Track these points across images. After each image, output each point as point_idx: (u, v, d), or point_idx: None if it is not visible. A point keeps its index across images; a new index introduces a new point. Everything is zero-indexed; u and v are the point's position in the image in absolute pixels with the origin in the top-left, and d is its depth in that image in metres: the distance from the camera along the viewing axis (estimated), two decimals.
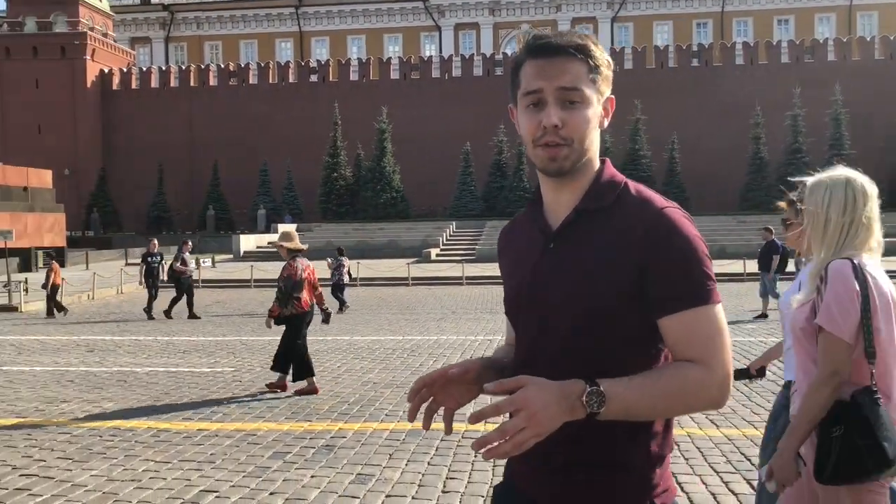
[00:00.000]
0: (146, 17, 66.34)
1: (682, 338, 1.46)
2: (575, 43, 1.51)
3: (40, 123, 54.70)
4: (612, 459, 1.50)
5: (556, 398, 1.35)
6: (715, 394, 1.45)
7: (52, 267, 18.05)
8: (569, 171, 1.54)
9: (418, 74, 55.86)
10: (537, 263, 1.58)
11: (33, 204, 39.46)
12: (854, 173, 2.55)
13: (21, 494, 4.92)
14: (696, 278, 1.46)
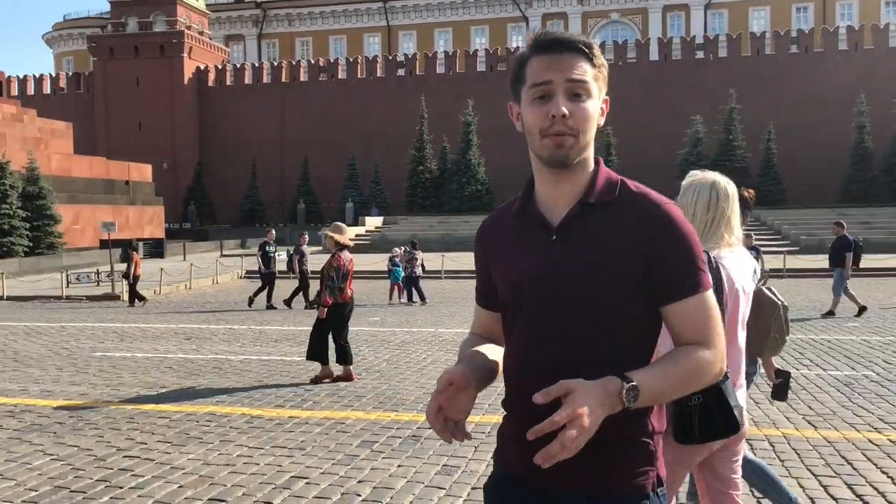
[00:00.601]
0: (240, 14, 68.31)
1: (687, 323, 1.57)
2: (581, 40, 1.59)
3: (141, 120, 57.12)
4: (624, 436, 1.56)
5: (601, 400, 1.43)
6: (717, 371, 1.58)
7: (133, 258, 18.77)
8: (572, 163, 1.60)
9: (505, 66, 55.57)
10: (540, 256, 1.61)
11: (134, 197, 41.29)
12: (719, 177, 2.98)
13: (124, 475, 5.15)
14: (695, 268, 1.57)
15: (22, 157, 32.22)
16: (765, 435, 5.93)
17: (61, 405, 7.25)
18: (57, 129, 40.61)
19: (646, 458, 1.60)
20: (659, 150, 50.06)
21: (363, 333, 11.90)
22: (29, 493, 4.81)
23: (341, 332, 8.50)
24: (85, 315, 16.02)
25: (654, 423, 1.61)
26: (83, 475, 5.14)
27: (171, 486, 4.92)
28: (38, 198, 30.28)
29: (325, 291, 8.45)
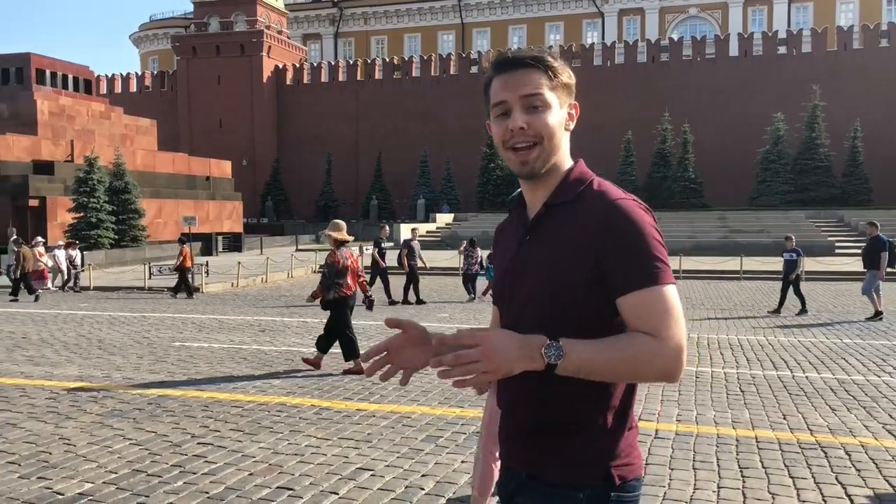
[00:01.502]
0: (317, 13, 69.50)
1: (636, 315, 1.57)
2: (531, 55, 1.68)
3: (221, 117, 58.76)
4: (573, 421, 1.62)
5: (516, 344, 1.50)
6: (669, 365, 1.54)
7: (183, 251, 19.31)
8: (539, 172, 1.69)
9: (579, 62, 55.00)
10: (515, 255, 1.74)
11: (214, 192, 42.51)
12: None
13: (198, 461, 5.33)
14: (645, 262, 1.58)
15: (109, 153, 33.57)
16: (841, 443, 5.74)
17: (141, 392, 7.54)
18: (142, 126, 42.15)
19: (590, 450, 1.62)
20: (738, 148, 48.79)
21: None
22: (109, 475, 5.02)
23: (337, 326, 8.80)
24: (165, 306, 16.59)
25: (609, 418, 1.63)
26: (159, 460, 5.35)
27: (242, 473, 5.07)
28: (123, 192, 31.48)
29: (319, 285, 8.95)
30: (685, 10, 62.24)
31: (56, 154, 34.17)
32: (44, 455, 5.44)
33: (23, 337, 11.55)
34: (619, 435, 1.64)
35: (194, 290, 19.43)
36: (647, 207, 1.65)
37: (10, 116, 35.01)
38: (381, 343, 1.68)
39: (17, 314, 14.80)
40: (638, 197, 1.68)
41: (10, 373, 8.60)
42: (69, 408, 6.89)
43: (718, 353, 10.03)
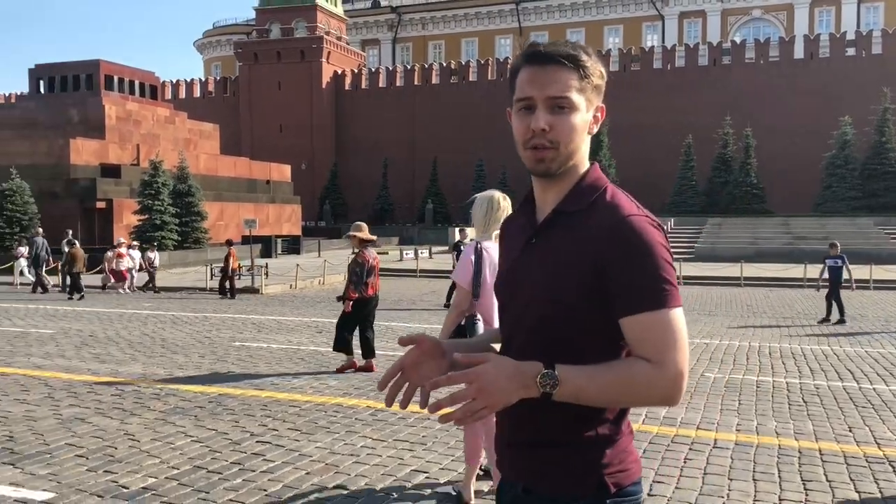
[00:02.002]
0: (376, 19, 70.21)
1: (638, 338, 1.53)
2: (566, 53, 1.60)
3: (281, 122, 59.78)
4: (565, 436, 1.60)
5: (509, 375, 1.47)
6: (667, 391, 1.52)
7: (230, 252, 19.72)
8: (554, 173, 1.63)
9: (638, 66, 54.40)
10: (520, 256, 1.69)
11: (274, 196, 43.26)
12: (496, 192, 4.51)
13: (256, 459, 5.43)
14: (652, 283, 1.52)
15: (173, 157, 34.43)
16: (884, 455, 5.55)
17: (202, 391, 7.71)
18: (205, 131, 43.14)
19: (584, 462, 1.60)
20: (803, 153, 47.59)
21: None
22: (171, 470, 5.15)
23: (366, 325, 9.03)
24: (226, 306, 16.94)
25: (599, 430, 1.60)
26: (219, 457, 5.46)
27: (299, 472, 5.14)
28: (187, 195, 32.24)
29: (350, 286, 8.92)
30: (748, 12, 61.00)
31: (123, 158, 35.21)
32: (110, 450, 5.61)
33: (90, 335, 11.93)
34: (612, 443, 1.62)
35: (252, 290, 19.82)
36: (658, 224, 1.59)
37: (80, 121, 36.21)
38: (394, 365, 1.65)
39: (83, 313, 15.30)
40: (700, 202, 1.66)
41: (79, 370, 8.90)
42: (134, 404, 7.10)
43: (780, 362, 9.79)
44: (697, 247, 34.31)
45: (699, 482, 5.02)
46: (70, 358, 9.72)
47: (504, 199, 4.49)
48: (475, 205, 4.51)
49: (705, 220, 40.11)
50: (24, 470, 5.12)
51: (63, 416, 6.63)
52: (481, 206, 4.50)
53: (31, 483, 4.86)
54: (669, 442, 5.94)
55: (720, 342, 11.60)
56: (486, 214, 4.51)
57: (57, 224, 30.04)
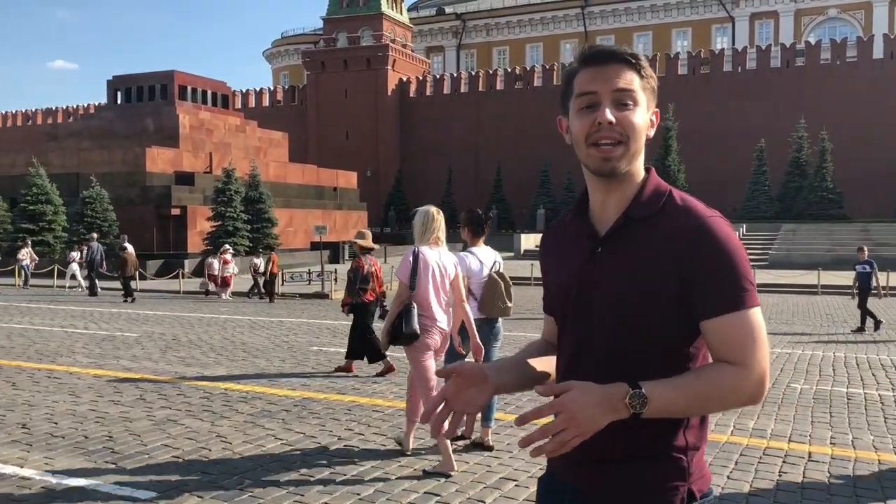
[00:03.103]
0: (440, 26, 70.63)
1: (721, 340, 1.52)
2: (627, 51, 1.60)
3: (348, 130, 60.58)
4: (653, 452, 1.56)
5: (597, 401, 1.44)
6: (752, 392, 1.52)
7: (272, 257, 20.11)
8: (621, 172, 1.59)
9: (708, 69, 53.41)
10: (585, 266, 1.62)
11: (341, 202, 43.86)
12: (431, 207, 5.57)
13: (346, 463, 5.50)
14: (735, 284, 1.51)
15: (245, 165, 35.25)
16: None
17: (287, 394, 7.86)
18: (274, 139, 44.04)
19: (674, 473, 1.58)
20: (882, 157, 46.00)
21: None
22: (265, 472, 5.26)
23: (366, 330, 9.28)
24: (299, 311, 17.23)
25: (688, 438, 1.59)
26: (309, 460, 5.55)
27: (390, 476, 5.19)
28: (258, 202, 32.97)
29: (346, 292, 9.47)
30: (823, 12, 59.31)
31: (196, 166, 36.20)
32: (204, 451, 5.76)
33: (173, 339, 12.28)
34: (697, 450, 1.61)
35: (322, 296, 20.17)
36: (731, 225, 1.57)
37: (155, 130, 37.40)
38: (437, 396, 1.59)
39: (164, 317, 15.76)
40: (773, 207, 1.62)
41: (166, 372, 9.17)
42: (222, 407, 7.27)
43: (870, 373, 9.46)
44: (772, 254, 33.47)
45: (798, 497, 4.88)
46: (157, 361, 10.02)
47: (438, 212, 5.60)
48: (416, 217, 5.55)
49: (779, 226, 39.08)
50: (125, 470, 5.29)
51: (156, 417, 6.83)
52: (420, 220, 5.52)
53: (134, 482, 5.02)
54: (761, 454, 5.80)
55: (802, 352, 11.27)
56: (423, 226, 5.51)
57: (134, 230, 31.08)
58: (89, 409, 7.11)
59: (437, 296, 5.52)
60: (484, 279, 5.89)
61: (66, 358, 10.21)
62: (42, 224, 30.19)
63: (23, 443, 5.96)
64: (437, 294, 5.51)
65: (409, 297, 5.45)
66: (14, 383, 8.41)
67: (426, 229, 5.52)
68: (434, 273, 5.48)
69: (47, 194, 30.87)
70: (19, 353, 10.59)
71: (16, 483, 4.98)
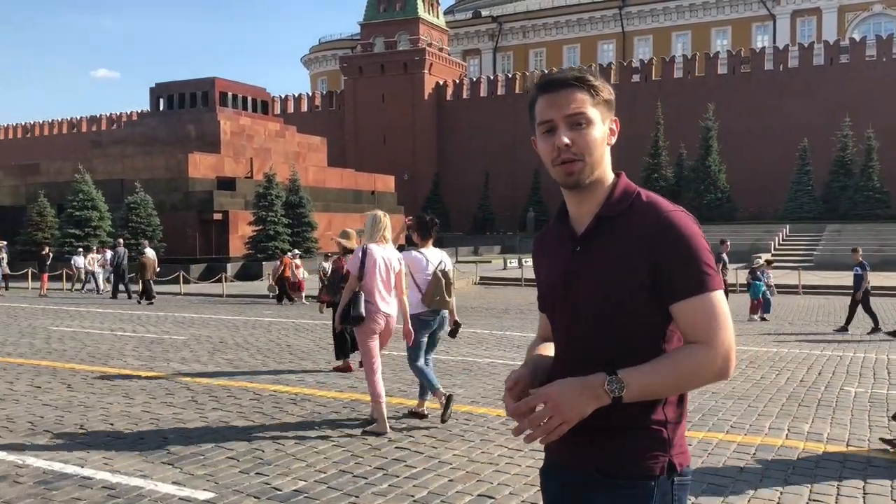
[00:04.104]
0: (477, 29, 70.68)
1: (687, 322, 1.70)
2: (574, 76, 1.79)
3: (385, 134, 60.87)
4: (636, 423, 1.73)
5: (578, 390, 1.65)
6: (719, 368, 1.69)
7: (284, 261, 20.41)
8: (584, 184, 1.79)
9: (748, 68, 52.65)
10: (568, 265, 1.82)
11: (379, 206, 44.02)
12: (378, 212, 6.63)
13: (398, 465, 5.52)
14: (697, 270, 1.69)
15: (284, 170, 35.60)
16: None
17: (335, 396, 7.92)
18: (313, 144, 44.41)
19: (655, 444, 1.74)
20: None
21: None
22: (319, 474, 5.30)
23: None
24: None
25: (667, 413, 1.74)
26: (362, 462, 5.58)
27: (442, 479, 5.20)
28: (298, 206, 33.26)
29: (322, 290, 10.12)
30: (868, 8, 58.14)
31: (237, 171, 36.65)
32: (258, 452, 5.83)
33: (220, 341, 12.45)
34: (677, 425, 1.77)
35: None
36: (693, 218, 1.77)
37: (197, 136, 37.94)
38: (509, 401, 1.79)
39: (210, 320, 15.98)
40: (817, 207, 1.68)
41: (216, 374, 9.29)
42: (273, 408, 7.35)
43: None
44: (816, 255, 32.88)
45: (860, 502, 4.78)
46: (206, 363, 10.17)
47: (385, 216, 6.66)
48: (367, 220, 6.55)
49: (823, 226, 38.36)
50: (182, 470, 5.38)
51: (209, 418, 6.93)
52: (370, 222, 6.53)
53: (191, 483, 5.10)
54: (819, 459, 5.70)
55: (854, 354, 11.05)
56: (372, 227, 6.50)
57: (177, 234, 31.59)
58: (143, 411, 7.24)
59: (383, 285, 6.41)
60: (429, 276, 6.63)
61: (118, 360, 10.41)
62: (88, 229, 30.79)
63: (81, 443, 6.09)
64: (382, 284, 6.40)
65: (358, 286, 6.34)
66: (69, 385, 8.60)
67: (375, 230, 6.47)
68: (380, 266, 6.38)
69: (93, 200, 31.48)
70: (72, 356, 10.82)
71: (77, 482, 5.09)
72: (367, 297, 6.32)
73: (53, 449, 5.93)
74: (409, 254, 6.75)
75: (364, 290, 6.34)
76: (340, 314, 6.41)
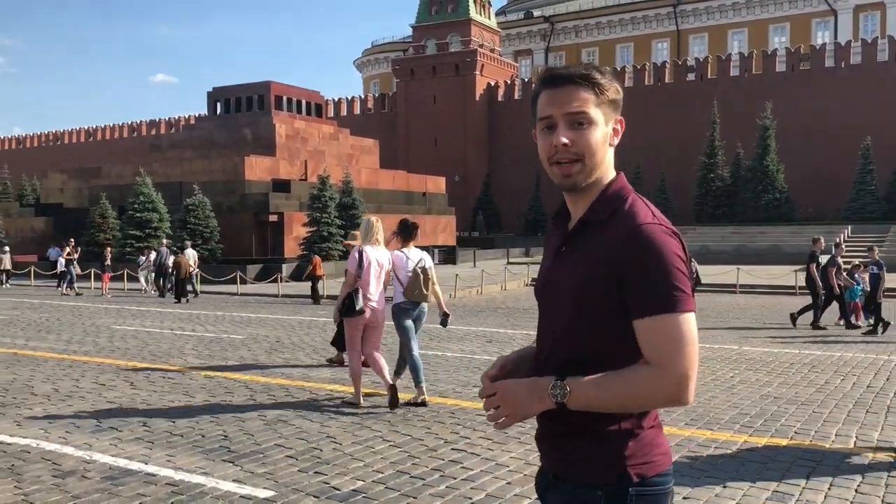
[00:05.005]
0: (528, 30, 70.38)
1: (644, 340, 1.63)
2: (579, 73, 1.72)
3: (436, 135, 61.03)
4: (589, 427, 1.70)
5: (524, 389, 1.69)
6: (671, 393, 1.62)
7: (314, 261, 20.66)
8: (581, 186, 1.75)
9: (808, 65, 51.35)
10: (552, 263, 1.82)
11: (430, 207, 44.18)
12: (372, 217, 8.01)
13: (455, 466, 5.52)
14: (663, 289, 1.62)
15: (338, 172, 35.95)
16: None
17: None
18: (365, 146, 44.77)
19: (606, 453, 1.70)
20: None
21: None
22: (376, 474, 5.33)
23: None
24: None
25: (622, 425, 1.70)
26: (419, 463, 5.59)
27: (500, 481, 5.17)
28: (351, 208, 33.54)
29: None
30: None
31: (292, 173, 37.14)
32: (316, 451, 5.88)
33: (276, 341, 12.62)
34: (634, 437, 1.71)
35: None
36: (673, 232, 1.67)
37: (253, 139, 38.57)
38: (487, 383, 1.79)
39: (266, 320, 16.21)
40: (880, 208, 1.57)
41: (273, 374, 9.42)
42: (329, 407, 7.42)
43: None
44: (881, 256, 31.86)
45: None
46: (263, 363, 10.32)
47: (377, 220, 7.75)
48: (361, 225, 7.83)
49: (888, 227, 37.19)
50: (242, 468, 5.46)
51: (267, 417, 7.02)
52: (364, 227, 7.69)
53: (251, 481, 5.17)
54: (889, 467, 5.51)
55: None
56: (367, 231, 7.62)
57: (234, 236, 32.15)
58: (203, 409, 7.38)
59: (375, 281, 7.47)
60: (409, 273, 7.55)
61: (178, 359, 10.63)
62: (148, 231, 31.55)
63: (145, 440, 6.23)
64: (374, 280, 7.47)
65: (356, 283, 7.30)
66: (132, 383, 8.81)
67: (369, 234, 7.58)
68: (373, 265, 7.44)
69: (153, 202, 32.24)
70: (135, 354, 11.09)
71: (142, 479, 5.21)
72: (363, 290, 7.35)
73: (118, 445, 6.07)
74: (392, 253, 7.69)
75: (361, 286, 7.33)
76: (339, 308, 7.38)
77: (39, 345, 12.15)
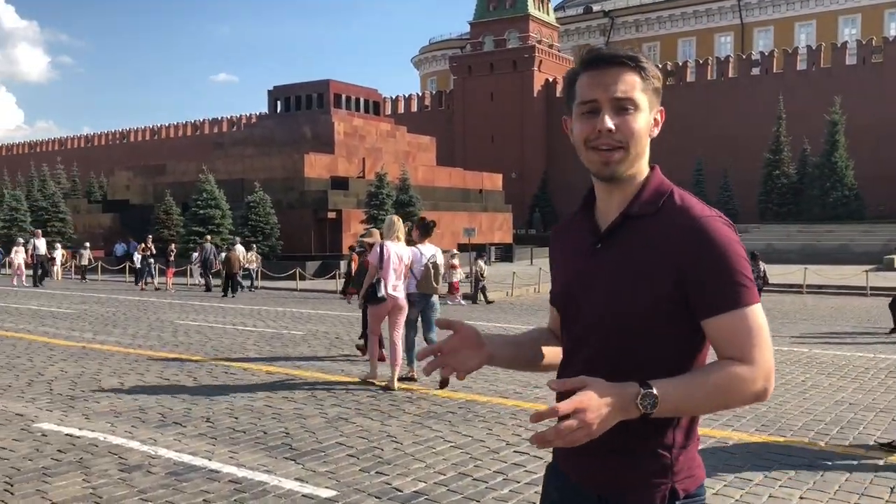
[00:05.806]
0: (588, 25, 69.60)
1: (724, 338, 1.53)
2: (627, 54, 1.61)
3: (493, 132, 60.80)
4: (640, 447, 1.59)
5: (610, 401, 1.43)
6: (759, 389, 1.52)
7: (353, 258, 20.36)
8: (622, 176, 1.62)
9: (880, 57, 49.57)
10: (585, 263, 1.67)
11: (486, 204, 44.06)
12: (394, 216, 8.87)
13: (518, 469, 5.41)
14: (733, 283, 1.52)
15: (395, 169, 36.11)
16: None
17: (450, 396, 7.87)
18: (422, 143, 44.87)
19: (660, 470, 1.60)
20: None
21: None
22: (438, 475, 5.25)
23: None
24: (451, 311, 17.37)
25: (676, 436, 1.61)
26: (481, 465, 5.49)
27: None
28: (408, 205, 33.65)
29: (350, 285, 12.02)
30: None
31: (350, 170, 37.46)
32: (377, 451, 5.84)
33: (336, 337, 12.70)
34: (684, 449, 1.63)
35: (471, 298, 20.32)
36: (730, 223, 1.59)
37: (312, 137, 39.03)
38: (434, 346, 1.68)
39: (326, 316, 16.35)
40: None
41: (332, 370, 9.45)
42: (389, 406, 7.38)
43: None
44: None
45: None
46: (323, 359, 10.36)
47: (398, 219, 8.58)
48: (385, 223, 8.67)
49: None
50: (304, 466, 5.44)
51: (328, 415, 7.02)
52: (387, 224, 8.52)
53: (313, 480, 5.14)
54: None
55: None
56: (389, 228, 8.42)
57: (293, 232, 32.55)
58: (265, 405, 7.42)
59: (395, 275, 8.22)
60: (423, 267, 8.45)
61: (240, 354, 10.75)
62: (211, 227, 32.17)
63: (208, 436, 6.27)
64: (394, 274, 8.21)
65: (378, 274, 8.18)
66: (195, 378, 8.93)
67: (391, 231, 8.39)
68: (393, 259, 8.19)
69: (216, 199, 32.86)
70: (197, 350, 11.26)
71: (205, 475, 5.23)
72: (384, 281, 8.18)
73: (182, 441, 6.13)
74: (411, 249, 8.57)
75: (383, 276, 8.17)
76: (363, 296, 8.42)
77: (106, 339, 12.44)
